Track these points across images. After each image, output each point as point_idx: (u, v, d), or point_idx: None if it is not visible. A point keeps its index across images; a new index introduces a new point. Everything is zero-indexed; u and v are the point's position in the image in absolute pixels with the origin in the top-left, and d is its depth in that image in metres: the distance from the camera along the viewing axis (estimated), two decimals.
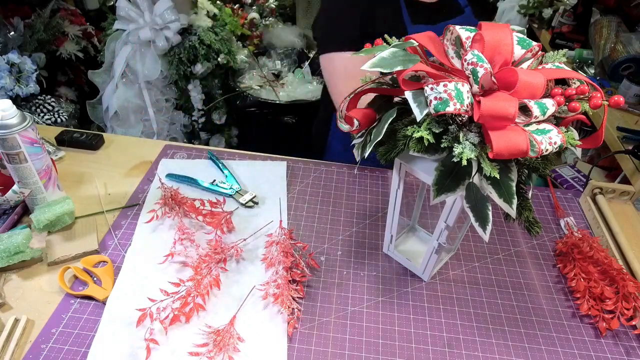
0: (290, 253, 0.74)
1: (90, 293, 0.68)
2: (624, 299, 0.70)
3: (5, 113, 0.69)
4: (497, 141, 0.49)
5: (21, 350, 0.62)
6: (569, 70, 0.55)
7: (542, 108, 0.51)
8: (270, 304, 0.69)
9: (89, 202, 0.85)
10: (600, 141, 0.56)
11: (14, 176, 0.76)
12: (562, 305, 0.74)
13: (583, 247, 0.78)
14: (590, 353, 0.67)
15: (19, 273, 0.72)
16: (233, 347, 0.63)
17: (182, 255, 0.75)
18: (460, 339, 0.68)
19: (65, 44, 1.69)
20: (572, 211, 0.92)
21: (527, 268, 0.80)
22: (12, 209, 0.79)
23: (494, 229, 0.87)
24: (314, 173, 0.97)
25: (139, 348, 0.62)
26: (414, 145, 0.54)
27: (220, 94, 1.83)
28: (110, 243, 0.78)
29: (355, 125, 0.60)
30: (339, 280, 0.75)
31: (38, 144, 0.74)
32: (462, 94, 0.51)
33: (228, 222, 0.81)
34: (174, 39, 1.61)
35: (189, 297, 0.67)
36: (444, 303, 0.73)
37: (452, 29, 0.57)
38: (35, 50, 1.54)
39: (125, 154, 0.98)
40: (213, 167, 0.95)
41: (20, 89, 1.40)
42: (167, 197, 0.83)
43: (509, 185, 0.53)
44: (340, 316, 0.70)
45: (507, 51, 0.54)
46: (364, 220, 0.87)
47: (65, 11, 1.75)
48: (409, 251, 0.80)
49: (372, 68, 0.54)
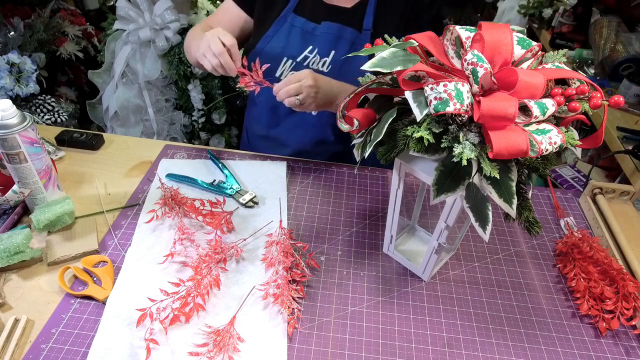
0: (290, 253, 0.74)
1: (90, 293, 0.68)
2: (624, 299, 0.70)
3: (5, 113, 0.69)
4: (497, 141, 0.49)
5: (21, 350, 0.62)
6: (569, 70, 0.55)
7: (542, 108, 0.51)
8: (270, 304, 0.69)
9: (89, 202, 0.85)
10: (600, 141, 0.56)
11: (14, 176, 0.76)
12: (562, 305, 0.74)
13: (583, 247, 0.78)
14: (590, 353, 0.67)
15: (19, 273, 0.72)
16: (233, 347, 0.63)
17: (182, 255, 0.75)
18: (460, 339, 0.68)
19: (65, 44, 1.69)
20: (572, 211, 0.92)
21: (527, 268, 0.80)
22: (12, 209, 0.79)
23: (494, 229, 0.87)
24: (314, 173, 0.97)
25: (139, 348, 0.62)
26: (414, 145, 0.54)
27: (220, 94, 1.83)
28: (110, 243, 0.78)
29: (355, 125, 0.60)
30: (339, 280, 0.75)
31: (38, 144, 0.74)
32: (462, 94, 0.51)
33: (228, 222, 0.81)
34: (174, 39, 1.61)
35: (189, 297, 0.67)
36: (444, 303, 0.73)
37: (452, 29, 0.57)
38: (35, 50, 1.54)
39: (125, 154, 0.98)
40: (213, 167, 0.95)
41: (20, 89, 1.40)
42: (167, 197, 0.83)
43: (509, 185, 0.53)
44: (340, 316, 0.70)
45: (507, 51, 0.54)
46: (364, 220, 0.87)
47: (65, 11, 1.75)
48: (409, 251, 0.80)
49: (372, 68, 0.54)
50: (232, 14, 1.03)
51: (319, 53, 0.96)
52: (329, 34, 0.95)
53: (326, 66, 0.96)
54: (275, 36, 0.98)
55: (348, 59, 0.96)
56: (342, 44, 0.95)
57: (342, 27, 0.95)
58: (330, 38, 0.95)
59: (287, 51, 0.97)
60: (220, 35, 0.81)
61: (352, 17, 0.96)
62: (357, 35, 0.95)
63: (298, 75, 0.83)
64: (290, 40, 0.97)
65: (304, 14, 0.97)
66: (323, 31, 0.95)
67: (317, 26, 0.96)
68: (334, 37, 0.95)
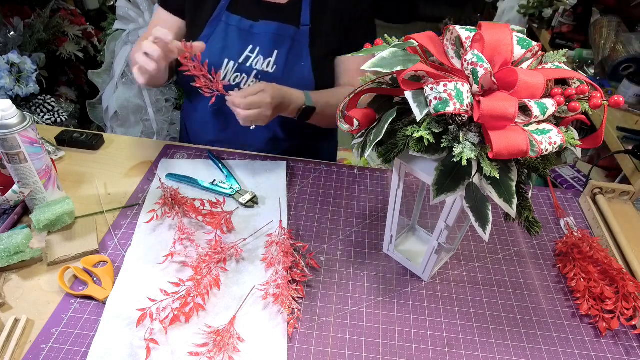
0: (290, 253, 0.74)
1: (90, 293, 0.68)
2: (624, 299, 0.70)
3: (5, 113, 0.69)
4: (497, 141, 0.49)
5: (21, 350, 0.62)
6: (569, 70, 0.55)
7: (542, 108, 0.51)
8: (270, 304, 0.69)
9: (89, 202, 0.85)
10: (600, 141, 0.56)
11: (14, 176, 0.76)
12: (562, 305, 0.74)
13: (583, 247, 0.78)
14: (590, 353, 0.67)
15: (19, 273, 0.72)
16: (233, 347, 0.63)
17: (182, 255, 0.75)
18: (460, 339, 0.68)
19: (65, 44, 1.69)
20: (572, 211, 0.92)
21: (527, 268, 0.80)
22: (12, 209, 0.79)
23: (494, 229, 0.87)
24: (314, 173, 0.97)
25: (139, 348, 0.62)
26: (414, 145, 0.54)
27: None
28: (110, 243, 0.78)
29: (355, 125, 0.60)
30: (339, 280, 0.75)
31: (38, 144, 0.74)
32: (462, 94, 0.51)
33: (228, 222, 0.81)
34: None
35: (189, 297, 0.67)
36: (444, 303, 0.73)
37: (452, 29, 0.57)
38: (35, 50, 1.54)
39: (125, 154, 0.98)
40: (213, 167, 0.95)
41: (20, 89, 1.40)
42: (167, 197, 0.83)
43: (509, 185, 0.53)
44: (340, 316, 0.70)
45: (507, 51, 0.54)
46: (364, 220, 0.87)
47: (65, 11, 1.75)
48: (409, 251, 0.80)
49: (372, 68, 0.54)
50: (168, 23, 0.99)
51: (261, 53, 0.94)
52: (268, 33, 0.93)
53: (271, 66, 0.95)
54: (212, 37, 0.95)
55: (292, 59, 0.95)
56: (284, 42, 0.94)
57: (281, 25, 0.93)
58: (270, 37, 0.93)
59: (226, 52, 0.94)
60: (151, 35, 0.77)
61: (289, 13, 0.94)
62: (296, 32, 0.94)
63: (256, 87, 0.82)
64: (228, 41, 0.94)
65: (238, 12, 0.94)
66: (262, 30, 0.93)
67: (255, 24, 0.93)
68: (274, 35, 0.93)
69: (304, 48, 0.95)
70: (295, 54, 0.95)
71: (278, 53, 0.94)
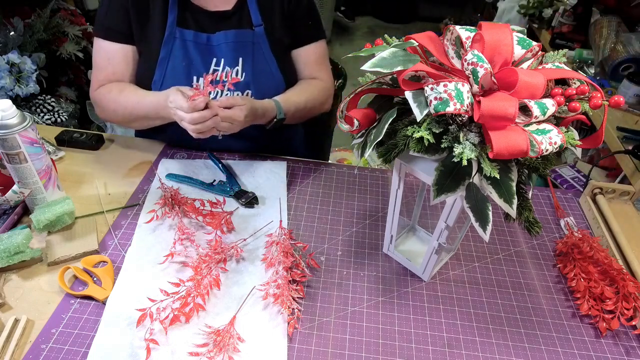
0: (290, 253, 0.74)
1: (90, 293, 0.68)
2: (624, 299, 0.70)
3: (5, 113, 0.69)
4: (497, 141, 0.49)
5: (21, 350, 0.62)
6: (569, 70, 0.55)
7: (542, 108, 0.51)
8: (270, 304, 0.69)
9: (89, 202, 0.85)
10: (600, 141, 0.56)
11: (14, 176, 0.76)
12: (562, 305, 0.74)
13: (583, 247, 0.78)
14: (590, 353, 0.67)
15: (19, 273, 0.72)
16: (233, 347, 0.63)
17: (182, 255, 0.75)
18: (460, 339, 0.68)
19: (65, 44, 1.69)
20: (572, 211, 0.92)
21: (527, 268, 0.80)
22: (12, 209, 0.79)
23: (494, 229, 0.87)
24: (314, 173, 0.97)
25: (139, 348, 0.62)
26: (414, 145, 0.54)
27: None
28: (110, 243, 0.78)
29: (355, 125, 0.60)
30: (339, 280, 0.75)
31: (38, 144, 0.74)
32: (462, 94, 0.51)
33: (228, 222, 0.81)
34: None
35: (189, 297, 0.67)
36: (444, 303, 0.73)
37: (452, 29, 0.57)
38: (35, 50, 1.53)
39: (125, 154, 0.98)
40: (213, 167, 0.95)
41: (20, 89, 1.40)
42: (167, 197, 0.83)
43: (509, 185, 0.53)
44: (340, 316, 0.69)
45: (507, 51, 0.54)
46: (364, 220, 0.87)
47: (65, 11, 1.75)
48: (409, 251, 0.80)
49: (372, 68, 0.54)
50: (118, 54, 0.93)
51: (226, 64, 0.93)
52: (229, 43, 0.92)
53: (240, 74, 0.94)
54: (172, 57, 0.91)
55: (258, 62, 0.94)
56: (245, 48, 0.93)
57: (237, 31, 0.92)
58: (231, 46, 0.92)
59: (192, 70, 0.92)
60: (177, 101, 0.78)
61: (240, 18, 0.94)
62: (253, 34, 0.93)
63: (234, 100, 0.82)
64: (190, 58, 0.92)
65: (190, 26, 0.92)
66: (221, 41, 0.92)
67: (211, 36, 0.91)
68: (235, 44, 0.92)
69: (265, 49, 0.95)
70: (259, 57, 0.95)
71: (243, 60, 0.93)
